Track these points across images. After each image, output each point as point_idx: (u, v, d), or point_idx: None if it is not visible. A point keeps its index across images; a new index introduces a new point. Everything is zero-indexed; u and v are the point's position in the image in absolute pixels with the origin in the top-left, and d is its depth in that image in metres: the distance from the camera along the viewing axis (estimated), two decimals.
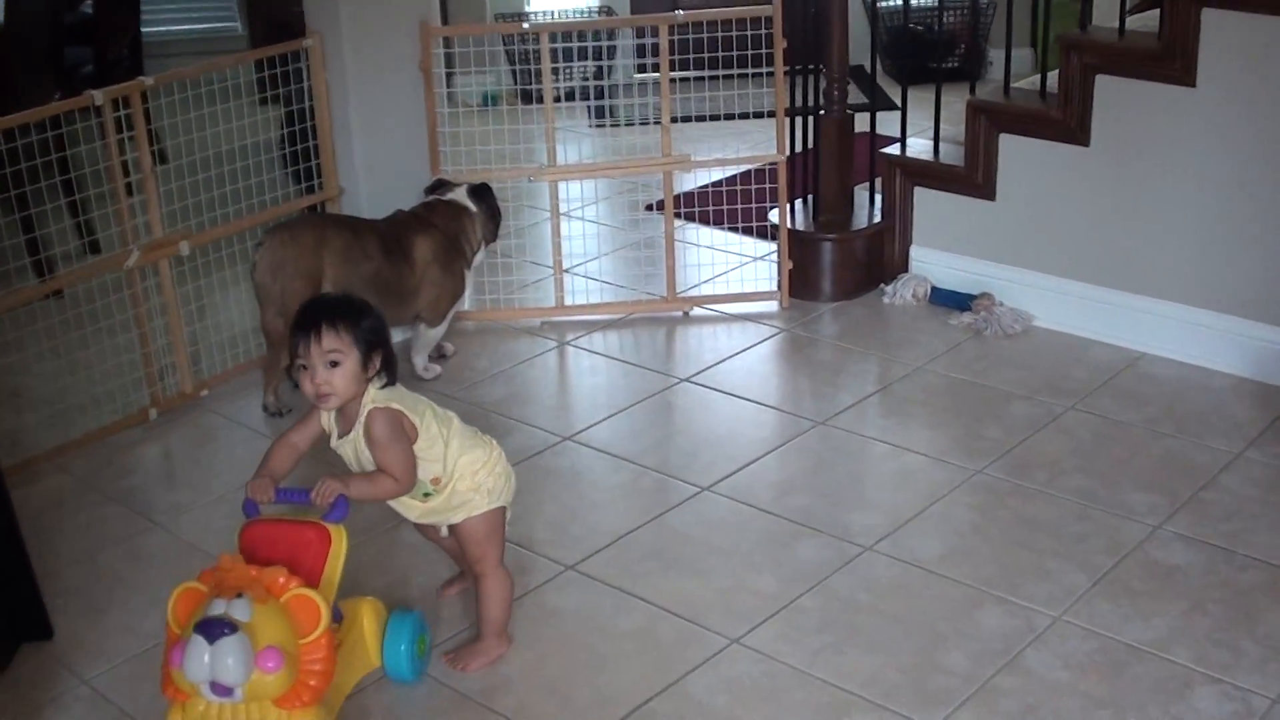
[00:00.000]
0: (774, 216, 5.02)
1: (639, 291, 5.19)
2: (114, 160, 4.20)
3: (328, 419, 3.07)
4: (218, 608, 2.67)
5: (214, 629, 2.62)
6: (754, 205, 5.25)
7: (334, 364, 2.94)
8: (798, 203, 5.14)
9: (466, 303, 4.98)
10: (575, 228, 5.83)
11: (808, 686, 3.09)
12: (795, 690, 3.08)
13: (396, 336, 4.70)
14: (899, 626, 3.26)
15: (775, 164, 4.93)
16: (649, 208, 5.81)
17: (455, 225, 4.58)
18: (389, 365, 3.04)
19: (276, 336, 4.36)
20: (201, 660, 2.62)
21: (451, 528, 3.20)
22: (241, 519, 2.99)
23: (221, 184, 4.66)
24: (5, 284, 4.28)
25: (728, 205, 5.34)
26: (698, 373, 4.55)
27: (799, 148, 5.10)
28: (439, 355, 4.74)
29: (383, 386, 3.02)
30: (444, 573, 3.53)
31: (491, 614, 3.23)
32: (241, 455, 4.16)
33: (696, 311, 5.01)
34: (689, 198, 5.84)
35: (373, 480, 3.00)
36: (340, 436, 3.05)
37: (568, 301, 5.06)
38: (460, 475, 3.12)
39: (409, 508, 3.16)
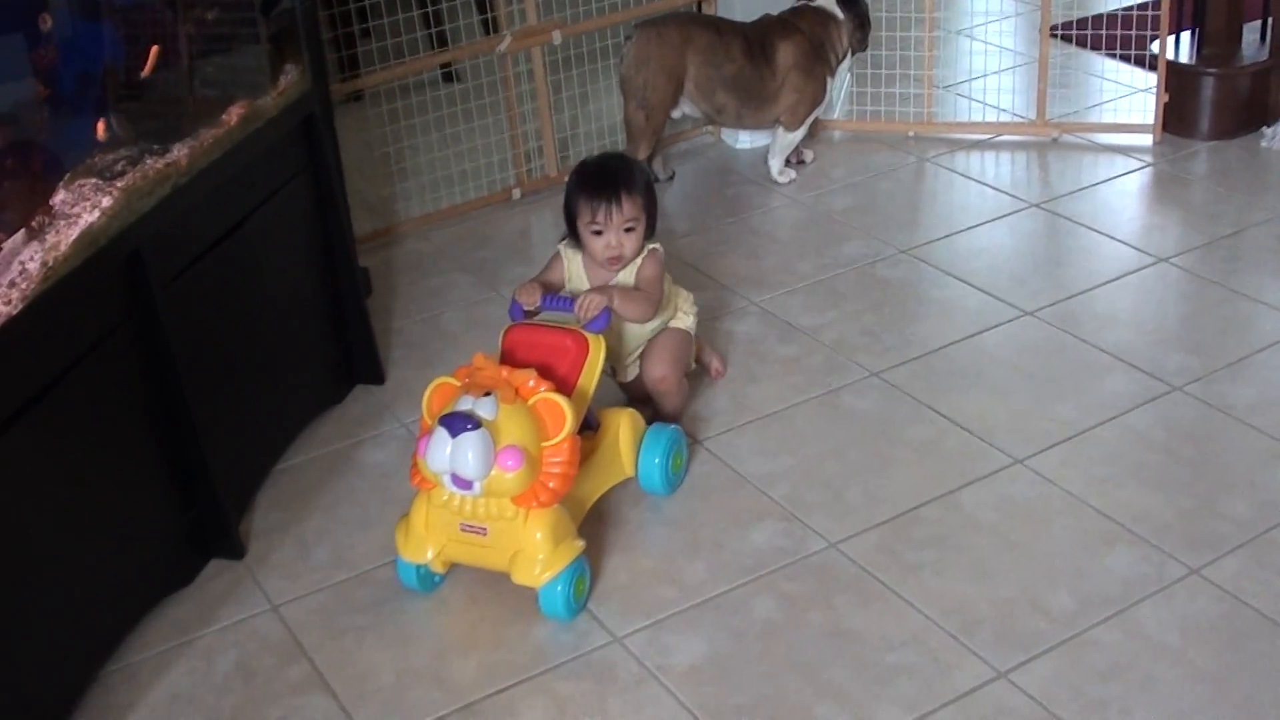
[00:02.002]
0: (1155, 47, 4.86)
1: (1010, 113, 5.13)
2: None
3: (577, 275, 3.30)
4: (465, 403, 2.76)
5: (457, 423, 2.71)
6: (1148, 33, 5.08)
7: (629, 229, 3.21)
8: (1185, 36, 4.96)
9: (835, 111, 5.04)
10: (963, 45, 5.78)
11: (1079, 513, 3.11)
12: (1065, 516, 3.10)
13: (760, 141, 4.83)
14: (1187, 469, 3.23)
15: None
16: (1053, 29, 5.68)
17: (821, 32, 4.62)
18: (655, 222, 3.32)
19: (637, 129, 4.53)
20: (443, 452, 2.71)
21: (650, 343, 3.36)
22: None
23: None
24: (399, 56, 4.57)
25: (1121, 31, 5.18)
26: (1050, 200, 4.50)
27: None
28: (797, 161, 4.81)
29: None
30: (701, 401, 3.65)
31: (671, 414, 3.43)
32: None
33: (1065, 138, 4.92)
34: (1082, 22, 5.69)
35: (633, 297, 3.21)
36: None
37: (937, 118, 5.05)
38: (681, 297, 3.42)
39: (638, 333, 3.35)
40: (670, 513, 3.19)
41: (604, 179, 3.21)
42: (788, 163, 4.76)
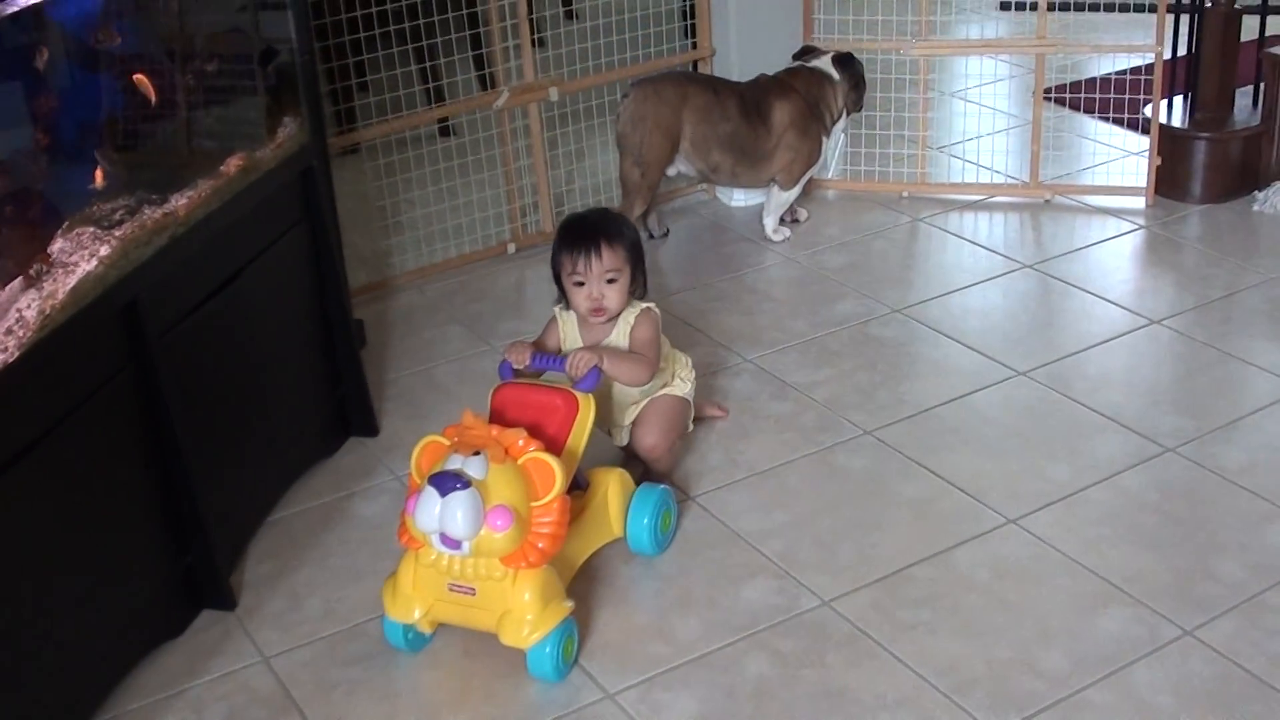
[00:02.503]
0: (1148, 111, 4.89)
1: (1003, 175, 5.15)
2: (490, 3, 4.44)
3: (572, 337, 3.28)
4: (454, 463, 2.73)
5: (446, 483, 2.69)
6: (1141, 96, 5.11)
7: (611, 281, 3.17)
8: (1178, 100, 4.99)
9: (830, 171, 5.07)
10: (957, 107, 5.82)
11: (1073, 574, 3.10)
12: (1059, 576, 3.10)
13: (754, 199, 4.86)
14: (1180, 529, 3.23)
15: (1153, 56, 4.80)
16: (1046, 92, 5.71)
17: (816, 92, 4.65)
18: (645, 279, 3.29)
19: (632, 186, 4.55)
20: (432, 511, 2.69)
21: (640, 416, 3.33)
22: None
23: (620, 31, 4.86)
24: (395, 110, 4.60)
25: (1114, 94, 5.21)
26: (1043, 261, 4.52)
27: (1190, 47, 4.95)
28: (791, 220, 4.83)
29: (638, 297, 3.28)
30: (695, 456, 3.66)
31: (660, 474, 3.41)
32: None
33: (1058, 200, 4.95)
34: (1075, 85, 5.73)
35: (624, 359, 3.18)
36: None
37: (930, 179, 5.08)
38: (679, 363, 3.41)
39: (627, 395, 3.32)
40: (663, 569, 3.18)
41: (584, 230, 3.20)
42: (782, 221, 4.78)
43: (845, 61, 4.69)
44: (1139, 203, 4.86)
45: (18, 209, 2.67)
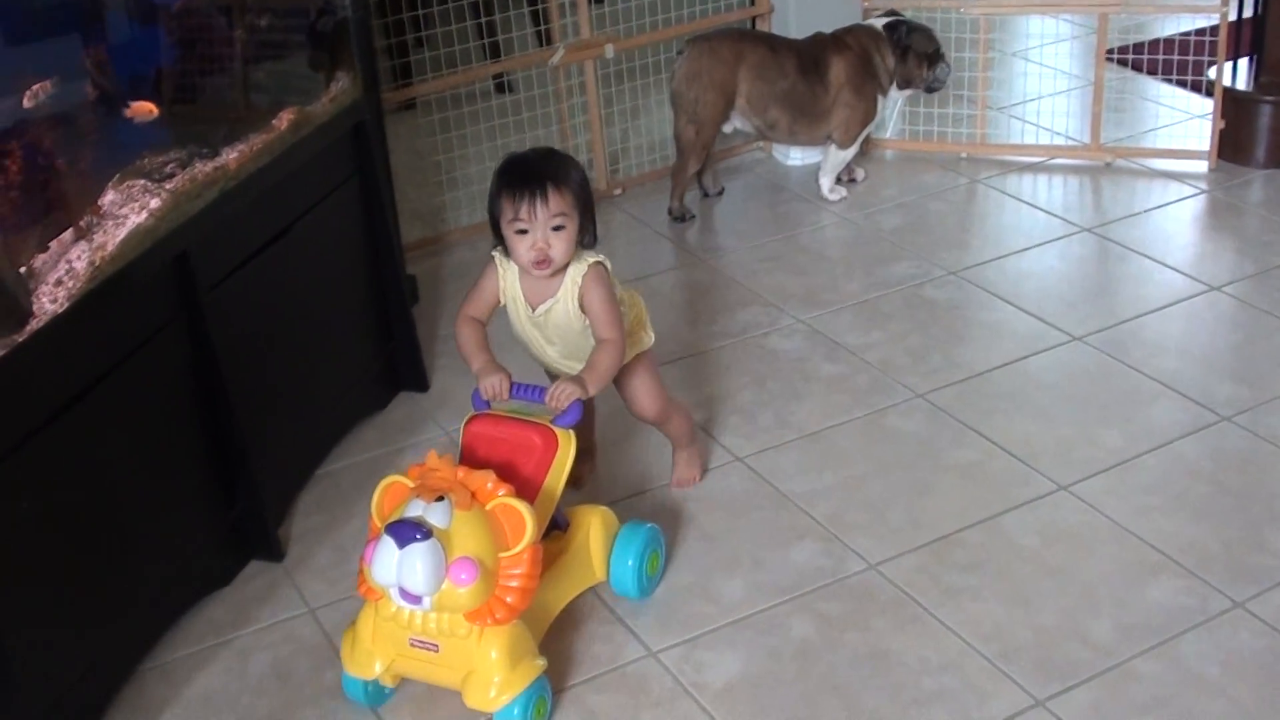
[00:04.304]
0: (1212, 73, 4.82)
1: (1063, 137, 5.10)
2: None
3: (512, 295, 2.94)
4: (415, 509, 2.50)
5: (405, 533, 2.44)
6: (1205, 58, 5.04)
7: (558, 228, 2.79)
8: (1243, 62, 4.92)
9: (888, 130, 5.02)
10: (1018, 66, 5.75)
11: (1122, 542, 3.07)
12: (1109, 543, 3.07)
13: (811, 158, 4.83)
14: (1233, 499, 3.20)
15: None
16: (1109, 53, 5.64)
17: (873, 50, 4.60)
18: (594, 227, 2.91)
19: (687, 144, 4.53)
20: (389, 563, 2.45)
21: (624, 386, 3.11)
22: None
23: None
24: (452, 65, 4.59)
25: (1178, 56, 5.14)
26: (1102, 225, 4.47)
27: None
28: (848, 179, 4.80)
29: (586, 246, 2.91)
30: (744, 417, 3.65)
31: (680, 433, 3.27)
32: (642, 253, 4.41)
33: (1119, 163, 4.89)
34: (1138, 46, 5.66)
35: (596, 366, 2.85)
36: (536, 309, 2.93)
37: (990, 140, 5.03)
38: (636, 305, 3.10)
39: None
40: (709, 529, 3.18)
41: (528, 172, 2.81)
42: (839, 180, 4.74)
43: (890, 26, 4.62)
44: (1201, 167, 4.80)
45: (68, 160, 2.68)
